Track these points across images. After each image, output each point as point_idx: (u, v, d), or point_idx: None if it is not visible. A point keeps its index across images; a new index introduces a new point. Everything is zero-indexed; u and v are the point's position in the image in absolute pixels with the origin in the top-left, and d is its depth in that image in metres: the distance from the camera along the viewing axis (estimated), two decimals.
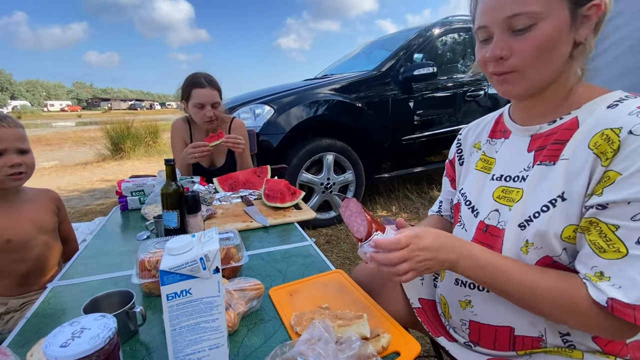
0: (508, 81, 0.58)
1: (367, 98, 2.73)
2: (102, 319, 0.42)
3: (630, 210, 0.46)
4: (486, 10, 0.56)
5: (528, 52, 0.53)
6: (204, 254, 0.43)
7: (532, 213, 0.56)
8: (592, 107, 0.55)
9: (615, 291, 0.45)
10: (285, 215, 1.22)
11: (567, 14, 0.52)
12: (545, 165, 0.57)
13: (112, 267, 0.87)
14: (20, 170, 0.90)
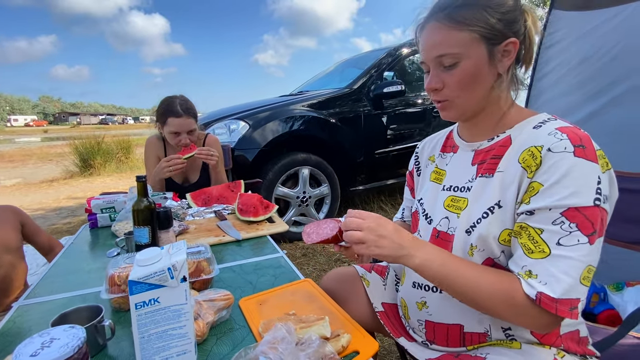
0: (445, 108, 0.68)
1: (341, 114, 2.84)
2: (71, 330, 0.44)
3: (551, 215, 0.53)
4: (423, 49, 0.66)
5: (455, 84, 0.63)
6: (172, 264, 0.47)
7: (475, 219, 0.64)
8: (522, 127, 0.64)
9: (542, 287, 0.52)
10: (258, 228, 1.25)
11: (484, 53, 0.61)
12: (485, 177, 0.65)
13: (80, 284, 0.86)
14: None
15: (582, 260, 0.51)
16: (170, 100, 1.61)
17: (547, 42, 1.79)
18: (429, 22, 0.64)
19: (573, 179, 0.52)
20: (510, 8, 0.61)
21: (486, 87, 0.64)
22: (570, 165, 0.53)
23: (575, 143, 0.54)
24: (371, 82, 3.02)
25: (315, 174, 2.71)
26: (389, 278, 0.90)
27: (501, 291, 0.56)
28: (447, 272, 0.59)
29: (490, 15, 0.60)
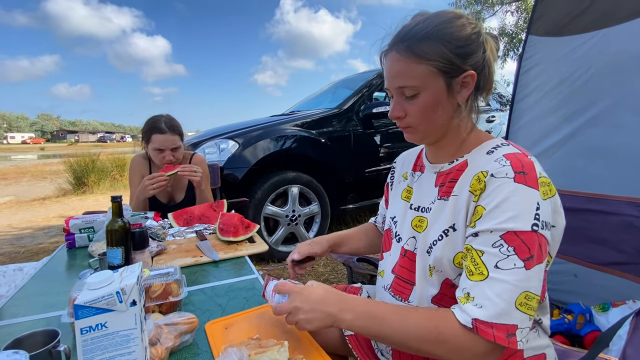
0: (408, 132, 0.71)
1: (331, 133, 2.88)
2: (14, 355, 0.43)
3: (492, 238, 0.54)
4: (386, 77, 0.68)
5: (415, 114, 0.66)
6: (121, 287, 0.47)
7: (432, 241, 0.64)
8: (478, 151, 0.66)
9: (477, 310, 0.51)
10: (237, 249, 1.24)
11: (442, 85, 0.63)
12: (443, 200, 0.66)
13: (47, 307, 0.85)
14: None
15: (517, 285, 0.51)
16: (155, 119, 1.65)
17: (526, 66, 1.85)
18: (391, 52, 0.66)
19: (512, 204, 0.54)
20: (468, 41, 0.62)
21: (446, 116, 0.66)
22: (510, 190, 0.54)
23: (516, 169, 0.56)
24: (361, 103, 3.08)
25: (305, 192, 2.72)
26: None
27: (428, 330, 0.54)
28: (374, 324, 0.58)
29: (448, 49, 0.61)
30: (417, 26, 0.63)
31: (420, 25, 0.63)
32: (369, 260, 1.19)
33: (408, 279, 0.70)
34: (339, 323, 0.60)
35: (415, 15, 0.67)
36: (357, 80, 3.63)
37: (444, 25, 0.62)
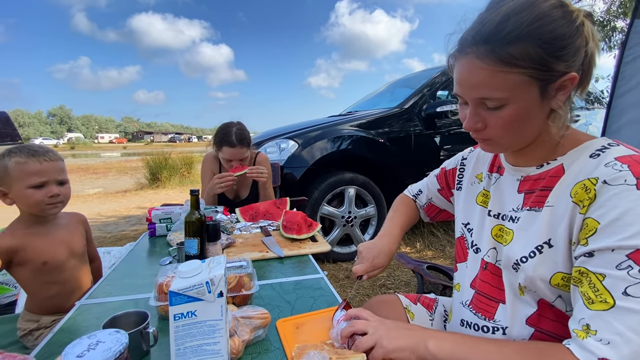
0: (487, 144, 0.61)
1: (390, 134, 2.79)
2: (115, 334, 0.46)
3: (615, 258, 0.44)
4: (460, 84, 0.57)
5: (499, 126, 0.55)
6: (210, 278, 0.47)
7: (520, 257, 0.56)
8: (576, 154, 0.55)
9: (605, 348, 0.42)
10: (300, 247, 1.24)
11: (536, 93, 0.52)
12: (534, 211, 0.57)
13: (135, 289, 0.92)
14: (58, 200, 1.01)
15: None
16: (227, 130, 1.68)
17: (629, 55, 1.59)
18: (467, 55, 0.53)
19: (638, 215, 0.43)
20: (570, 40, 0.49)
21: (537, 125, 0.56)
22: (632, 199, 0.44)
23: (638, 175, 0.45)
24: (423, 102, 2.94)
25: (362, 194, 2.67)
26: (437, 313, 0.82)
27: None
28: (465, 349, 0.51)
29: (546, 52, 0.48)
30: (504, 23, 0.49)
31: (508, 22, 0.49)
32: (439, 269, 1.10)
33: (493, 296, 0.62)
34: (425, 346, 0.53)
35: (494, 3, 0.53)
36: (417, 79, 3.48)
37: (540, 20, 0.48)
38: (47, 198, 0.96)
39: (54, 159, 0.98)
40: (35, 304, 1.02)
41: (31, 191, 0.94)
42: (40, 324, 1.01)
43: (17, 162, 0.92)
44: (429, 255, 2.75)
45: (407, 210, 0.96)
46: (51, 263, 0.99)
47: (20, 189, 0.92)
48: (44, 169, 0.95)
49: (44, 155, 0.96)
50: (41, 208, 0.96)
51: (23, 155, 0.93)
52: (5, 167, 0.92)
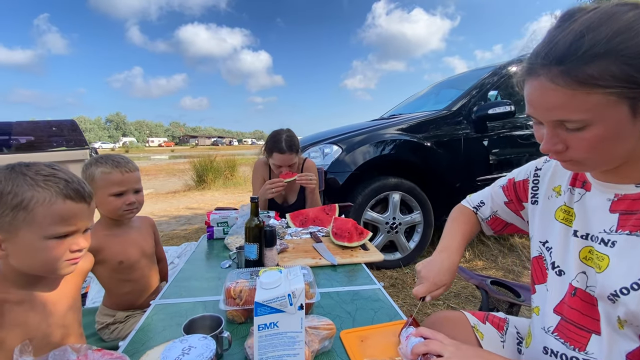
0: (571, 165, 0.56)
1: (437, 137, 2.69)
2: (204, 340, 0.49)
3: None
4: (532, 105, 0.52)
5: (583, 148, 0.50)
6: (292, 290, 0.48)
7: (620, 288, 0.50)
8: None
9: None
10: (352, 255, 1.23)
11: (625, 112, 0.45)
12: (635, 236, 0.50)
13: (200, 291, 0.97)
14: (134, 207, 1.09)
15: None
16: (278, 137, 1.74)
17: None
18: (539, 77, 0.48)
19: None
20: None
21: (629, 144, 0.49)
22: None
23: None
24: (473, 103, 2.80)
25: (407, 199, 2.60)
26: (508, 334, 0.77)
27: None
28: None
29: (634, 68, 0.43)
30: (579, 41, 0.44)
31: (583, 40, 0.44)
32: (504, 285, 1.03)
33: (584, 325, 0.56)
34: None
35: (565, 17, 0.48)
36: (465, 80, 3.33)
37: (622, 35, 0.43)
38: (125, 205, 1.05)
39: (132, 170, 1.07)
40: (112, 300, 1.12)
41: (112, 199, 1.03)
42: (116, 318, 1.11)
43: (102, 171, 1.01)
44: (479, 266, 2.61)
45: (467, 221, 0.90)
46: (126, 262, 1.08)
47: (103, 195, 1.02)
48: (125, 180, 1.04)
49: (125, 167, 1.05)
50: (119, 214, 1.05)
51: (108, 165, 1.02)
52: (92, 175, 1.01)
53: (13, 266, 0.63)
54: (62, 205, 0.63)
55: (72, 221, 0.64)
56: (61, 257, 0.64)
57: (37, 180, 0.62)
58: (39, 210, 0.61)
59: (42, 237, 0.62)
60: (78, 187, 0.66)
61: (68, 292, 0.75)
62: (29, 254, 0.62)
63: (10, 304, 0.63)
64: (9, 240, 0.61)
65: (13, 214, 0.59)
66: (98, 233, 1.07)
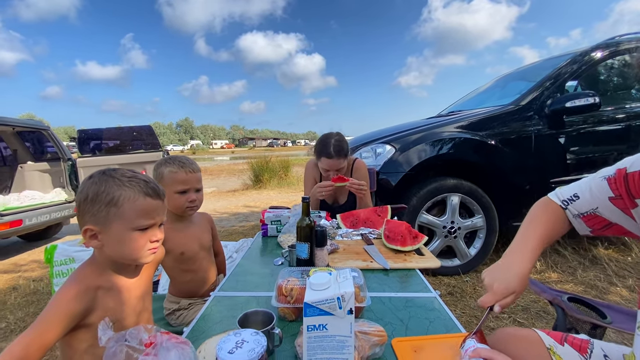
0: None
1: (502, 135, 2.46)
2: (256, 336, 0.50)
3: None
4: None
5: None
6: (341, 294, 0.47)
7: None
8: None
9: None
10: (405, 259, 1.18)
11: None
12: None
13: (254, 286, 1.02)
14: (195, 205, 1.18)
15: None
16: (326, 142, 1.74)
17: None
18: None
19: None
20: None
21: None
22: None
23: None
24: (547, 96, 2.50)
25: (468, 202, 2.42)
26: (594, 356, 0.66)
27: None
28: None
29: None
30: None
31: None
32: (585, 303, 0.89)
33: None
34: None
35: None
36: (536, 70, 2.99)
37: None
38: (188, 202, 1.14)
39: (195, 171, 1.17)
40: (176, 288, 1.23)
41: (177, 196, 1.13)
42: (180, 305, 1.21)
43: (170, 171, 1.12)
44: (553, 279, 2.32)
45: (550, 220, 0.76)
46: (187, 254, 1.17)
47: (169, 193, 1.12)
48: (188, 179, 1.14)
49: (189, 167, 1.14)
50: (182, 210, 1.15)
51: (175, 166, 1.13)
52: (161, 174, 1.12)
53: (106, 255, 0.73)
54: (143, 201, 0.72)
55: (151, 215, 0.73)
56: (144, 246, 0.73)
57: (123, 181, 0.72)
58: (126, 206, 0.70)
59: (129, 229, 0.71)
60: (154, 186, 0.76)
61: (144, 279, 0.84)
62: (119, 244, 0.71)
63: (103, 289, 0.72)
64: (104, 232, 0.70)
65: (107, 209, 0.69)
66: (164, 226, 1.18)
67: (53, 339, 0.65)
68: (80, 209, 0.72)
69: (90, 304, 0.70)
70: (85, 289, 0.70)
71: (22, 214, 3.32)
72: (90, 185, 0.71)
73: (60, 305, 0.66)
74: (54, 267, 2.16)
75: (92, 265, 0.75)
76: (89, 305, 0.69)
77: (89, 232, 0.71)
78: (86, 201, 0.70)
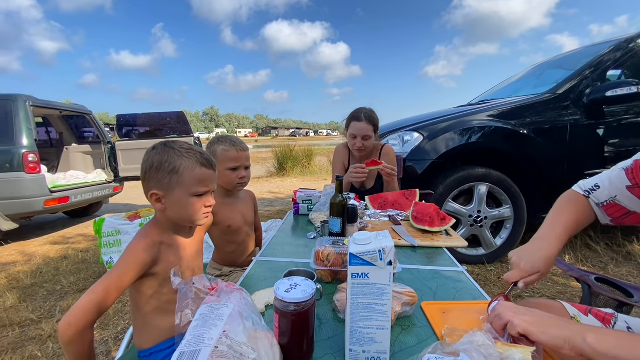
0: None
1: (536, 124, 2.40)
2: (306, 281, 0.58)
3: None
4: None
5: None
6: (382, 247, 0.54)
7: None
8: None
9: None
10: (433, 239, 1.23)
11: None
12: None
13: (292, 254, 1.11)
14: (244, 182, 1.27)
15: None
16: (358, 110, 1.86)
17: None
18: None
19: None
20: None
21: None
22: None
23: None
24: (586, 85, 2.41)
25: (496, 192, 2.40)
26: (617, 328, 0.70)
27: None
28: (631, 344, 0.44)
29: None
30: None
31: None
32: (612, 283, 0.91)
33: None
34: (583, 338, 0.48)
35: None
36: (576, 58, 2.86)
37: None
38: (238, 179, 1.24)
39: (245, 150, 1.26)
40: (219, 257, 1.34)
41: (228, 172, 1.22)
42: (222, 272, 1.33)
43: (223, 149, 1.22)
44: None
45: (575, 209, 0.81)
46: (233, 227, 1.28)
47: (222, 169, 1.22)
48: (239, 156, 1.23)
49: (239, 146, 1.24)
50: (233, 186, 1.25)
51: (227, 144, 1.22)
52: (215, 151, 1.22)
53: (167, 217, 0.84)
54: (200, 170, 0.81)
55: (206, 183, 0.83)
56: (199, 210, 0.83)
57: (182, 152, 0.81)
58: (185, 174, 0.80)
59: (188, 194, 0.81)
60: (208, 157, 0.85)
61: (197, 240, 0.94)
62: (179, 207, 0.81)
63: (165, 245, 0.83)
64: (167, 197, 0.81)
65: (170, 177, 0.79)
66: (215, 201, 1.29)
67: (127, 283, 0.76)
68: (146, 176, 0.82)
69: (156, 255, 0.81)
70: (152, 243, 0.81)
71: (69, 192, 3.61)
72: (155, 155, 0.81)
73: (133, 255, 0.78)
74: (102, 238, 2.37)
75: (156, 225, 0.86)
76: (155, 256, 0.80)
77: (154, 197, 0.81)
78: (151, 169, 0.81)
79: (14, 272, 2.62)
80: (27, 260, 2.89)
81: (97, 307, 0.72)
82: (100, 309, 0.72)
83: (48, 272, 2.59)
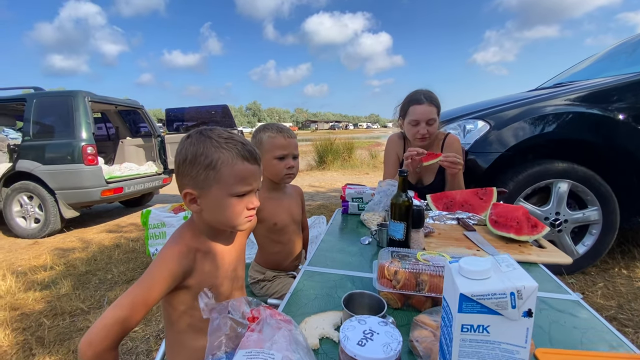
0: None
1: (634, 110, 1.96)
2: (385, 327, 0.40)
3: None
4: None
5: None
6: (517, 288, 0.34)
7: None
8: None
9: None
10: (523, 251, 0.98)
11: None
12: None
13: (345, 265, 0.93)
14: (293, 172, 1.12)
15: None
16: (414, 92, 1.60)
17: None
18: None
19: None
20: None
21: None
22: None
23: None
24: None
25: (580, 191, 2.01)
26: None
27: None
28: None
29: None
30: None
31: None
32: None
33: None
34: None
35: None
36: None
37: None
38: (286, 169, 1.09)
39: (292, 137, 1.11)
40: (263, 258, 1.21)
41: (276, 162, 1.08)
42: (265, 276, 1.19)
43: (269, 136, 1.08)
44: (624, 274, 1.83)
45: None
46: (279, 224, 1.13)
47: (268, 159, 1.08)
48: (287, 144, 1.08)
49: (287, 132, 1.10)
50: (281, 177, 1.10)
51: (273, 131, 1.08)
52: (260, 139, 1.09)
53: (204, 220, 0.70)
54: (241, 165, 0.66)
55: (249, 181, 0.68)
56: (241, 213, 0.68)
57: (220, 142, 0.66)
58: (224, 170, 0.65)
59: (227, 194, 0.66)
60: (251, 149, 0.69)
61: (238, 246, 0.80)
62: (217, 209, 0.67)
63: (201, 253, 0.70)
64: (203, 197, 0.67)
65: (205, 173, 0.65)
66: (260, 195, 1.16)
67: (156, 297, 0.64)
68: (180, 171, 0.68)
69: (190, 265, 0.67)
70: (187, 251, 0.67)
71: (123, 183, 3.78)
72: (189, 146, 0.67)
73: (164, 264, 0.65)
74: (149, 229, 2.39)
75: (191, 228, 0.72)
76: (189, 266, 0.67)
77: (188, 197, 0.68)
78: (185, 163, 0.67)
79: (72, 258, 2.77)
80: (85, 247, 3.06)
81: (121, 326, 0.60)
82: (124, 328, 0.60)
83: (102, 259, 2.70)
